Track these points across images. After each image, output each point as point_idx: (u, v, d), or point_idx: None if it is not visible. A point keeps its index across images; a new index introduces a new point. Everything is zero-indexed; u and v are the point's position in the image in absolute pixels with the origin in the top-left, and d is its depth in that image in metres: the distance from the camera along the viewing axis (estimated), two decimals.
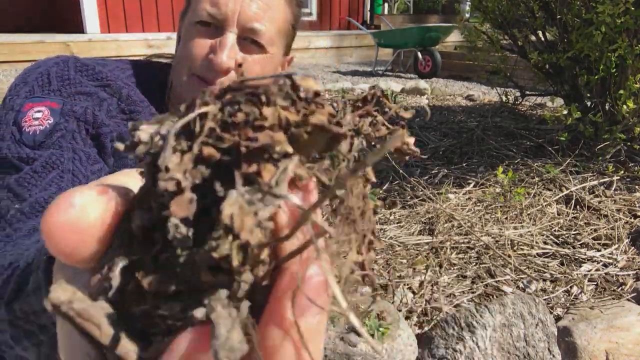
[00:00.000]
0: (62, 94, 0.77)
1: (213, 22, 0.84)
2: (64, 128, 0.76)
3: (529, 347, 1.49)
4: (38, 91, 0.77)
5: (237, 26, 0.84)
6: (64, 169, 0.75)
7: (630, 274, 1.85)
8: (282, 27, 0.89)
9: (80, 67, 0.82)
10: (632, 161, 2.83)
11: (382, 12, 10.90)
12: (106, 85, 0.82)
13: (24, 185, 0.71)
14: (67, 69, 0.81)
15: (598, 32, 2.57)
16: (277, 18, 0.88)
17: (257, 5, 0.84)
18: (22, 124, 0.74)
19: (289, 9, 0.91)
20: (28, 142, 0.73)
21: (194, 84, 0.86)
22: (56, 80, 0.79)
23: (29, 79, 0.79)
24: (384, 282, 1.79)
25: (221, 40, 0.83)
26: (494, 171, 2.65)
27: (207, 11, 0.83)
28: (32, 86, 0.78)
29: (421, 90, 5.62)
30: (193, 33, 0.85)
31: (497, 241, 2.07)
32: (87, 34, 7.38)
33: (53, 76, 0.79)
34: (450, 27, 7.26)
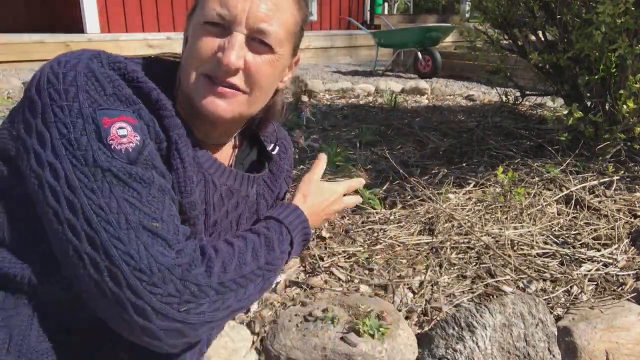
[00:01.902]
0: (122, 101, 0.77)
1: (222, 23, 0.84)
2: (148, 144, 0.78)
3: (529, 347, 1.49)
4: (100, 99, 0.75)
5: (246, 27, 0.84)
6: (171, 196, 0.80)
7: (630, 274, 1.85)
8: (290, 29, 0.90)
9: (114, 64, 0.81)
10: (632, 161, 2.83)
11: (382, 12, 10.89)
12: (136, 87, 0.81)
13: (149, 206, 0.74)
14: (104, 66, 0.79)
15: (598, 32, 2.56)
16: (286, 19, 0.88)
17: (267, 6, 0.84)
18: (108, 142, 0.73)
19: (298, 10, 0.91)
20: (123, 161, 0.74)
21: (202, 83, 0.86)
22: (107, 83, 0.77)
23: (79, 82, 0.75)
24: (384, 282, 1.80)
25: (230, 40, 0.83)
26: (494, 171, 2.65)
27: (216, 11, 0.83)
28: (89, 92, 0.75)
29: (421, 90, 5.62)
30: (201, 33, 0.85)
31: (497, 241, 2.07)
32: (87, 34, 7.38)
33: (101, 78, 0.77)
34: (450, 27, 7.26)
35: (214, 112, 0.86)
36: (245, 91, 0.88)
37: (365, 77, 7.09)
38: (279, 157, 1.15)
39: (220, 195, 0.97)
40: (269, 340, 1.45)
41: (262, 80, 0.88)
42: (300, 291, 1.74)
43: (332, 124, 4.04)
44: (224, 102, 0.86)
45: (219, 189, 0.96)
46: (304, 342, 1.41)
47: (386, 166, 2.86)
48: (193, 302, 0.73)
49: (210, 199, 0.95)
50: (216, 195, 0.96)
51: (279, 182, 1.16)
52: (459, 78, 7.16)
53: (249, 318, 1.59)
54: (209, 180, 0.93)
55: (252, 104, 0.91)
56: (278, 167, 1.15)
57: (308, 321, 1.47)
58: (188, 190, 0.85)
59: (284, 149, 1.17)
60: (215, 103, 0.86)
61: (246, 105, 0.90)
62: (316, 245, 2.01)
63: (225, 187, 0.98)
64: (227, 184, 0.98)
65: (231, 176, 0.99)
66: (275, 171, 1.14)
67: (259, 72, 0.87)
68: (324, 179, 1.14)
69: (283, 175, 1.16)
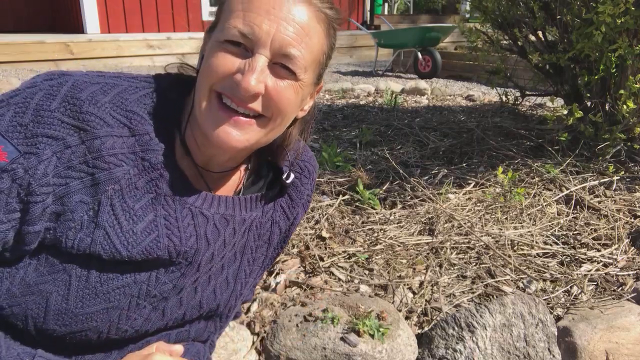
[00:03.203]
0: (27, 135, 0.73)
1: (244, 43, 0.77)
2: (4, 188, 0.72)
3: (529, 347, 1.49)
4: (6, 123, 0.73)
5: (270, 49, 0.77)
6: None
7: (630, 274, 1.85)
8: (317, 56, 0.83)
9: (70, 99, 0.76)
10: (632, 161, 2.83)
11: (382, 12, 10.89)
12: (82, 130, 0.75)
13: None
14: (54, 98, 0.75)
15: (598, 32, 2.57)
16: (314, 46, 0.81)
17: (294, 29, 0.77)
18: None
19: (327, 38, 0.84)
20: None
21: (215, 108, 0.79)
22: (31, 113, 0.74)
23: (12, 100, 0.75)
24: (384, 282, 1.80)
25: (251, 62, 0.76)
26: (494, 171, 2.65)
27: (240, 30, 0.76)
28: (8, 113, 0.74)
29: (421, 90, 5.62)
30: (220, 50, 0.78)
31: (497, 241, 2.07)
32: (87, 34, 7.39)
33: (32, 106, 0.74)
34: (450, 27, 7.27)
35: (226, 142, 0.80)
36: (266, 116, 0.81)
37: (365, 77, 7.09)
38: (300, 182, 1.05)
39: (214, 225, 0.90)
40: (269, 340, 1.45)
41: (283, 107, 0.81)
42: (300, 291, 1.74)
43: (332, 124, 4.04)
44: (239, 133, 0.80)
45: (212, 219, 0.89)
46: (304, 342, 1.41)
47: (386, 166, 2.86)
48: None
49: (202, 231, 0.88)
50: (209, 226, 0.89)
51: (296, 209, 1.06)
52: (459, 78, 7.16)
53: (249, 318, 1.59)
54: (196, 213, 0.87)
55: (269, 132, 0.84)
56: (298, 193, 1.05)
57: (308, 321, 1.47)
58: (131, 242, 0.79)
59: (307, 173, 1.07)
60: (227, 133, 0.79)
61: (263, 133, 0.83)
62: (316, 245, 2.01)
63: (219, 216, 0.91)
64: (219, 212, 0.91)
65: (221, 203, 0.92)
66: (295, 197, 1.05)
67: (281, 99, 0.80)
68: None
69: (302, 201, 1.07)
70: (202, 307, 0.96)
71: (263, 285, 1.75)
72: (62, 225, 0.76)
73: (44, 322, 0.79)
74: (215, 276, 0.96)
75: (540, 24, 3.14)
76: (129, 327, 0.85)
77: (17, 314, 0.78)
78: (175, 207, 0.84)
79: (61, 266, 0.78)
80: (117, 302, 0.81)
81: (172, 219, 0.84)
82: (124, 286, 0.81)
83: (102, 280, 0.80)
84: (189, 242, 0.86)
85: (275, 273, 1.81)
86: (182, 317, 0.94)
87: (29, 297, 0.78)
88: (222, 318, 1.06)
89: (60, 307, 0.78)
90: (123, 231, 0.79)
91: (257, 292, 1.71)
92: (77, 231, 0.77)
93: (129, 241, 0.79)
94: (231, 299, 1.02)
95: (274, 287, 1.73)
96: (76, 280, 0.78)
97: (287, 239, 1.10)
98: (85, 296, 0.79)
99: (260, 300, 1.66)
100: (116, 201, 0.78)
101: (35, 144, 0.73)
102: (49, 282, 0.78)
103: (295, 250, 1.97)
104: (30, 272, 0.78)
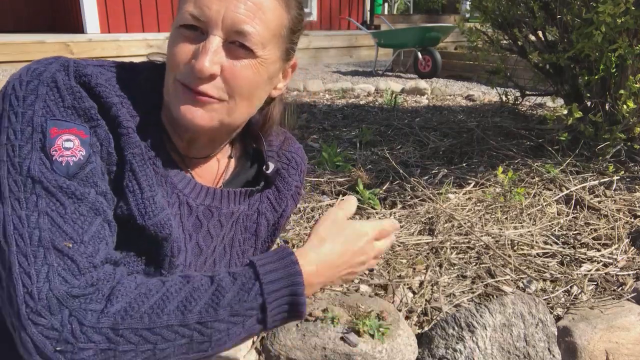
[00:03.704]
0: (79, 115, 0.75)
1: (197, 25, 0.78)
2: (94, 161, 0.74)
3: (529, 347, 1.49)
4: (55, 110, 0.73)
5: (223, 29, 0.77)
6: (104, 218, 0.74)
7: (630, 274, 1.85)
8: (276, 30, 0.82)
9: (80, 76, 0.78)
10: (632, 161, 2.83)
11: (382, 12, 10.90)
12: (98, 103, 0.77)
13: (72, 224, 0.69)
14: (69, 78, 0.77)
15: (598, 32, 2.57)
16: (270, 20, 0.80)
17: (246, 6, 0.77)
18: (51, 153, 0.71)
19: (286, 11, 0.83)
20: (61, 173, 0.71)
21: (179, 90, 0.80)
22: (68, 95, 0.75)
23: (39, 92, 0.74)
24: (384, 282, 1.80)
25: (204, 45, 0.77)
26: (494, 171, 2.65)
27: (191, 13, 0.77)
28: (46, 102, 0.74)
29: (421, 90, 5.62)
30: (177, 37, 0.80)
31: (497, 241, 2.07)
32: (87, 34, 7.38)
33: (63, 89, 0.75)
34: (450, 27, 7.27)
35: (191, 120, 0.80)
36: (223, 99, 0.80)
37: (365, 77, 7.09)
38: (288, 173, 1.04)
39: (196, 217, 0.90)
40: (269, 340, 1.45)
41: (242, 86, 0.81)
42: None
43: (332, 124, 4.04)
44: (201, 110, 0.80)
45: (195, 210, 0.90)
46: (304, 342, 1.41)
47: (386, 166, 2.86)
48: (71, 342, 0.63)
49: (185, 221, 0.88)
50: (191, 218, 0.89)
51: (285, 200, 1.04)
52: (459, 78, 7.17)
53: None
54: (183, 202, 0.87)
55: (233, 112, 0.83)
56: (285, 184, 1.04)
57: (308, 321, 1.47)
58: (149, 211, 0.79)
59: (294, 164, 1.05)
60: (191, 111, 0.79)
61: (226, 114, 0.82)
62: None
63: (203, 207, 0.91)
64: (204, 203, 0.91)
65: (209, 194, 0.92)
66: (282, 188, 1.03)
67: (236, 77, 0.79)
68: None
69: (290, 192, 1.05)
70: None
71: None
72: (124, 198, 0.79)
73: None
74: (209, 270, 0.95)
75: (540, 23, 3.14)
76: None
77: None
78: (167, 190, 0.85)
79: None
80: None
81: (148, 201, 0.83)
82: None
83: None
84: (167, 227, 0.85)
85: None
86: None
87: None
88: None
89: None
90: (144, 198, 0.79)
91: None
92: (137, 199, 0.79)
93: (147, 210, 0.79)
94: None
95: None
96: None
97: (278, 232, 1.09)
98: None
99: None
100: (136, 166, 0.79)
101: (90, 117, 0.75)
102: None
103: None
104: None
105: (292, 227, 2.16)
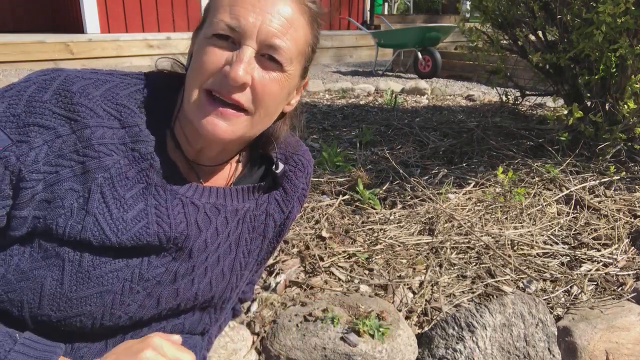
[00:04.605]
0: (19, 124, 0.76)
1: (231, 36, 0.79)
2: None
3: (529, 347, 1.49)
4: (0, 114, 0.77)
5: (257, 41, 0.79)
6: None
7: (630, 274, 1.85)
8: (302, 47, 0.85)
9: (61, 92, 0.79)
10: (632, 161, 2.83)
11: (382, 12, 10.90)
12: (73, 120, 0.78)
13: None
14: (46, 90, 0.79)
15: (598, 32, 2.56)
16: (298, 37, 0.84)
17: (279, 21, 0.80)
18: None
19: (310, 30, 0.87)
20: None
21: (203, 102, 0.81)
22: (24, 104, 0.77)
23: (6, 94, 0.79)
24: (384, 282, 1.79)
25: (238, 54, 0.79)
26: (494, 171, 2.65)
27: (226, 23, 0.79)
28: (2, 105, 0.78)
29: (421, 90, 5.62)
30: (208, 46, 0.81)
31: (497, 241, 2.07)
32: (87, 34, 7.38)
33: (24, 98, 0.78)
34: (451, 27, 7.27)
35: (213, 132, 0.81)
36: (250, 110, 0.83)
37: (365, 77, 7.09)
38: (295, 176, 1.06)
39: (205, 214, 0.92)
40: (269, 340, 1.45)
41: (268, 100, 0.83)
42: (300, 291, 1.74)
43: (332, 124, 4.04)
44: (225, 123, 0.82)
45: (202, 208, 0.92)
46: (304, 342, 1.41)
47: (386, 166, 2.86)
48: None
49: (192, 218, 0.90)
50: (200, 214, 0.91)
51: (291, 202, 1.07)
52: (459, 78, 7.17)
53: (249, 318, 1.59)
54: (187, 203, 0.89)
55: (255, 125, 0.86)
56: (293, 186, 1.06)
57: (308, 321, 1.47)
58: (121, 229, 0.81)
59: (301, 166, 1.08)
60: (214, 123, 0.81)
61: (249, 127, 0.85)
62: (316, 245, 2.01)
63: (210, 205, 0.93)
64: (210, 201, 0.93)
65: (212, 193, 0.94)
66: (289, 190, 1.06)
67: (265, 91, 0.82)
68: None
69: (297, 194, 1.08)
70: (197, 298, 0.97)
71: (263, 285, 1.75)
72: (52, 213, 0.78)
73: (39, 307, 0.80)
74: (212, 268, 0.97)
75: (540, 23, 3.14)
76: (122, 312, 0.86)
77: (13, 299, 0.80)
78: (166, 197, 0.86)
79: (54, 251, 0.79)
80: (111, 285, 0.82)
81: (162, 207, 0.86)
82: (116, 270, 0.83)
83: (95, 264, 0.81)
84: (179, 228, 0.87)
85: (275, 273, 1.81)
86: (176, 307, 0.94)
87: (24, 282, 0.79)
88: (217, 310, 1.07)
89: (55, 291, 0.80)
90: (113, 219, 0.81)
91: (257, 292, 1.71)
92: (67, 218, 0.79)
93: (119, 228, 0.81)
94: (226, 290, 1.03)
95: (274, 287, 1.73)
96: (69, 264, 0.80)
97: (283, 233, 1.11)
98: (79, 280, 0.80)
99: (260, 300, 1.66)
100: (106, 189, 0.81)
101: (27, 132, 0.77)
102: (43, 267, 0.79)
103: (295, 250, 1.97)
104: (24, 259, 0.80)
105: (292, 227, 2.16)
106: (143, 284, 0.86)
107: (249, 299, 1.26)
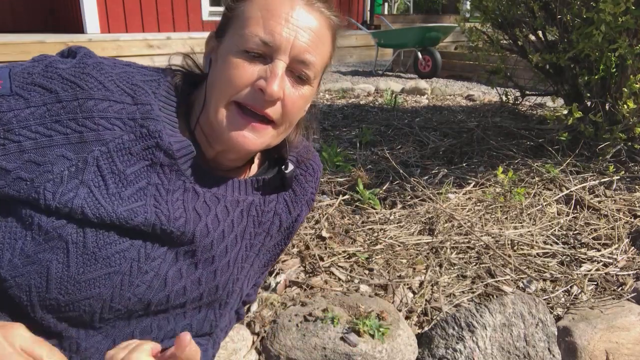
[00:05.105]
0: (28, 81, 0.79)
1: (264, 50, 0.81)
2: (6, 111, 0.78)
3: (529, 347, 1.49)
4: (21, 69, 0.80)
5: (289, 56, 0.81)
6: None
7: (630, 274, 1.85)
8: (326, 61, 0.89)
9: (78, 63, 0.82)
10: (632, 161, 2.83)
11: (382, 12, 10.90)
12: (79, 87, 0.80)
13: None
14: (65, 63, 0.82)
15: (598, 32, 2.56)
16: (325, 52, 0.87)
17: (310, 36, 0.82)
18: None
19: (332, 45, 0.90)
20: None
21: (233, 114, 0.83)
22: (42, 67, 0.81)
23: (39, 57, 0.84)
24: (384, 282, 1.79)
25: (272, 69, 0.81)
26: (494, 171, 2.65)
27: (262, 38, 0.80)
28: (28, 63, 0.82)
29: (421, 90, 5.62)
30: (238, 59, 0.82)
31: (497, 241, 2.07)
32: (87, 34, 7.38)
33: (46, 62, 0.81)
34: (451, 27, 7.27)
35: (243, 144, 0.84)
36: (277, 123, 0.86)
37: (365, 77, 7.09)
38: (305, 179, 1.09)
39: (204, 202, 0.93)
40: (269, 340, 1.45)
41: (295, 113, 0.87)
42: (300, 291, 1.74)
43: (332, 124, 4.04)
44: (255, 136, 0.85)
45: (202, 196, 0.92)
46: (304, 342, 1.41)
47: (386, 166, 2.86)
48: None
49: (190, 206, 0.91)
50: (199, 202, 0.92)
51: (300, 205, 1.09)
52: (459, 78, 7.17)
53: (249, 318, 1.59)
54: (188, 188, 0.90)
55: (279, 135, 0.90)
56: (302, 189, 1.09)
57: (308, 321, 1.47)
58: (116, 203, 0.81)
59: (311, 170, 1.11)
60: (244, 137, 0.84)
61: (274, 138, 0.88)
62: (316, 245, 2.01)
63: (210, 194, 0.94)
64: (210, 190, 0.94)
65: (214, 182, 0.95)
66: (299, 192, 1.09)
67: (294, 104, 0.85)
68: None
69: (306, 197, 1.10)
70: (200, 284, 0.97)
71: (263, 285, 1.75)
72: (41, 177, 0.78)
73: (47, 291, 0.79)
74: (220, 257, 0.97)
75: (540, 23, 3.14)
76: (131, 294, 0.85)
77: (21, 284, 0.79)
78: (170, 177, 0.87)
79: (55, 233, 0.79)
80: (119, 266, 0.82)
81: (163, 189, 0.86)
82: (123, 250, 0.83)
83: (100, 245, 0.81)
84: (175, 214, 0.87)
85: (275, 273, 1.81)
86: (182, 291, 0.94)
87: (30, 266, 0.79)
88: (221, 305, 1.07)
89: (62, 274, 0.79)
90: (109, 193, 0.82)
91: (257, 292, 1.71)
92: (56, 185, 0.79)
93: (114, 202, 0.82)
94: (229, 282, 1.03)
95: (274, 287, 1.73)
96: (73, 246, 0.80)
97: (291, 236, 1.12)
98: (86, 262, 0.80)
99: (260, 300, 1.66)
100: (103, 163, 0.81)
101: (30, 90, 0.79)
102: (47, 250, 0.79)
103: (295, 250, 1.97)
104: (27, 242, 0.79)
105: None
106: (150, 263, 0.86)
107: (252, 301, 1.26)
